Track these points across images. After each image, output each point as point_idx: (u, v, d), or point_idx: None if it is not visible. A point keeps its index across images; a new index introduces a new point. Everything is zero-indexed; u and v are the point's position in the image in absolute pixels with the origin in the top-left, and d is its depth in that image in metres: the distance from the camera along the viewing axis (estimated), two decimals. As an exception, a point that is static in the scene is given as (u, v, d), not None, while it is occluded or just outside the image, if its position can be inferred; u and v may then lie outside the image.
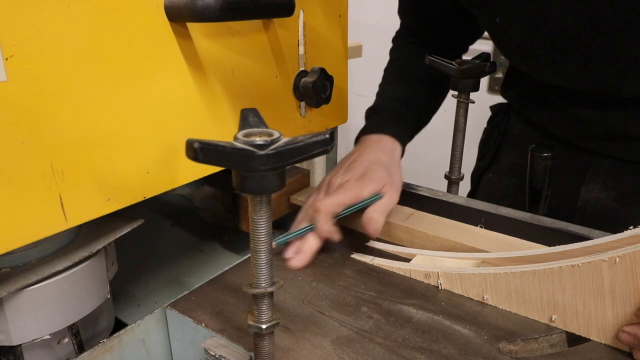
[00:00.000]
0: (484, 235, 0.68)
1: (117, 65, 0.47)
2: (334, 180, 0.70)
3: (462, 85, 0.80)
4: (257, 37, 0.59)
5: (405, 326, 0.54)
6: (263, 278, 0.42)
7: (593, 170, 0.76)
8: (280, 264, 0.66)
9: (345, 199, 0.65)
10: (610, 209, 0.75)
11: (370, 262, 0.66)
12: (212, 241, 0.88)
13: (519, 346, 0.52)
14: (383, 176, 0.68)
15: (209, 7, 0.46)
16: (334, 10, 0.70)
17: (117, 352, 0.53)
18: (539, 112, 0.82)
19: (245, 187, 0.37)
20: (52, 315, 0.51)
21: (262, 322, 0.44)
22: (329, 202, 0.64)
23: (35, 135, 0.42)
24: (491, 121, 0.95)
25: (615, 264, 0.49)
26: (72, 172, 0.45)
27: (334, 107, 0.73)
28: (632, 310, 0.49)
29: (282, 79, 0.64)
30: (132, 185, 0.50)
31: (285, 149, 0.36)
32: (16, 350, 0.52)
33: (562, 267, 0.52)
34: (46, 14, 0.41)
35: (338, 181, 0.69)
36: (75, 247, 0.54)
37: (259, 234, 0.40)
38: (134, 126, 0.49)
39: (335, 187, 0.68)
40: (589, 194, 0.77)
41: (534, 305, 0.55)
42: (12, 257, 0.50)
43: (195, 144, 0.35)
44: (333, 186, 0.68)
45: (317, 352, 0.50)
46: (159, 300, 0.73)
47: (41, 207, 0.43)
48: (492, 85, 1.89)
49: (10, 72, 0.39)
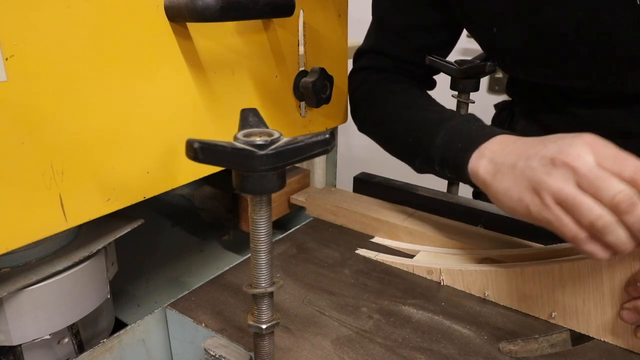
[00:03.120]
0: (484, 235, 0.68)
1: (117, 65, 0.47)
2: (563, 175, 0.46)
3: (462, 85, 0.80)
4: (257, 37, 0.59)
5: (405, 326, 0.54)
6: (263, 278, 0.42)
7: None
8: (280, 264, 0.66)
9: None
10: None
11: (374, 258, 0.67)
12: (212, 241, 0.88)
13: (519, 346, 0.52)
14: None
15: (209, 7, 0.46)
16: (334, 10, 0.70)
17: (117, 352, 0.53)
18: (542, 111, 0.82)
19: (245, 187, 0.37)
20: (52, 315, 0.51)
21: (262, 322, 0.44)
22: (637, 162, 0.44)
23: (35, 135, 0.42)
24: (495, 119, 0.95)
25: (614, 261, 0.49)
26: (72, 172, 0.45)
27: (334, 107, 0.73)
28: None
29: (282, 79, 0.64)
30: (132, 185, 0.50)
31: (285, 149, 0.36)
32: (16, 350, 0.52)
33: (562, 265, 0.52)
34: (46, 14, 0.41)
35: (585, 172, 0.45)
36: (75, 247, 0.54)
37: (259, 234, 0.40)
38: (134, 126, 0.49)
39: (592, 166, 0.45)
40: None
41: (535, 302, 0.55)
42: (12, 257, 0.50)
43: (195, 144, 0.35)
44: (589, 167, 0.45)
45: (317, 352, 0.50)
46: (159, 300, 0.73)
47: (41, 207, 0.43)
48: (492, 85, 1.89)
49: (10, 72, 0.39)
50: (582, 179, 0.44)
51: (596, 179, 0.44)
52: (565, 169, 0.45)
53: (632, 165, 0.43)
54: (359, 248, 0.69)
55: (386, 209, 0.75)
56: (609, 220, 0.43)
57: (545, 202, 0.47)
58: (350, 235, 0.73)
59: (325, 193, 0.82)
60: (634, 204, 0.42)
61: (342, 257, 0.68)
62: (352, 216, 0.75)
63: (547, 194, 0.46)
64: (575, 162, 0.45)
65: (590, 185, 0.44)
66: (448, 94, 0.83)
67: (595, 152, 0.45)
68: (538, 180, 0.47)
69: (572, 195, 0.44)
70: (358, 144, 2.26)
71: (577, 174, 0.45)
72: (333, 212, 0.77)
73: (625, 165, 0.43)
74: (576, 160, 0.45)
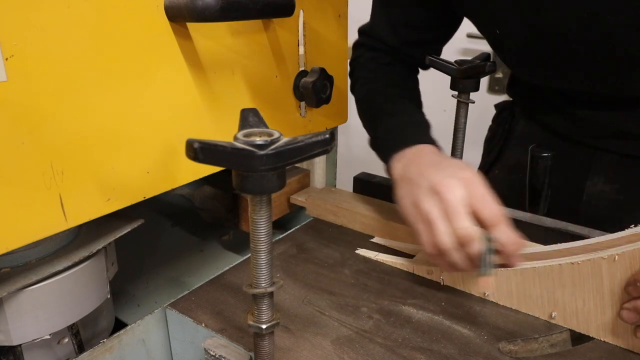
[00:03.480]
0: (484, 235, 0.68)
1: (117, 65, 0.47)
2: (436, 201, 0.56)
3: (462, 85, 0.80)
4: (257, 37, 0.59)
5: (405, 326, 0.54)
6: (263, 278, 0.42)
7: (597, 165, 0.77)
8: (280, 264, 0.66)
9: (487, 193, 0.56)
10: (614, 201, 0.76)
11: (374, 258, 0.67)
12: (212, 241, 0.88)
13: (519, 346, 0.52)
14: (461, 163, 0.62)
15: (209, 7, 0.46)
16: (334, 10, 0.70)
17: (117, 352, 0.53)
18: (542, 111, 0.82)
19: (245, 187, 0.37)
20: (52, 315, 0.51)
21: (262, 322, 0.44)
22: (496, 209, 0.54)
23: (35, 135, 0.42)
24: (496, 119, 0.95)
25: (614, 262, 0.49)
26: (72, 172, 0.45)
27: (334, 107, 0.73)
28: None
29: (282, 79, 0.64)
30: (132, 185, 0.50)
31: (285, 149, 0.36)
32: (16, 350, 0.52)
33: (562, 265, 0.52)
34: (46, 14, 0.41)
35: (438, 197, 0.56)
36: (75, 247, 0.54)
37: (259, 234, 0.40)
38: (134, 126, 0.49)
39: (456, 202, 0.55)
40: (594, 188, 0.77)
41: (535, 302, 0.55)
42: (12, 257, 0.50)
43: (195, 144, 0.35)
44: (453, 203, 0.54)
45: (317, 352, 0.50)
46: (159, 300, 0.73)
47: (41, 207, 0.43)
48: (492, 85, 1.89)
49: (10, 72, 0.39)
50: (446, 208, 0.55)
51: (454, 213, 0.54)
52: (439, 196, 0.55)
53: (489, 207, 0.54)
54: (359, 248, 0.69)
55: (386, 209, 0.75)
56: (450, 246, 0.54)
57: (418, 217, 0.58)
58: (350, 235, 0.73)
59: (325, 193, 0.82)
60: (471, 241, 0.53)
61: (342, 257, 0.68)
62: (352, 216, 0.75)
63: (421, 211, 0.57)
64: (446, 194, 0.55)
65: (450, 215, 0.54)
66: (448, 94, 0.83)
67: (468, 189, 0.55)
68: (418, 198, 0.58)
69: (434, 219, 0.55)
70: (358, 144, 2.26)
71: (444, 203, 0.55)
72: (333, 212, 0.77)
73: (485, 206, 0.54)
74: (448, 193, 0.55)
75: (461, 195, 0.55)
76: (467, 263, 0.54)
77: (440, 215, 0.55)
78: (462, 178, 0.56)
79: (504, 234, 0.53)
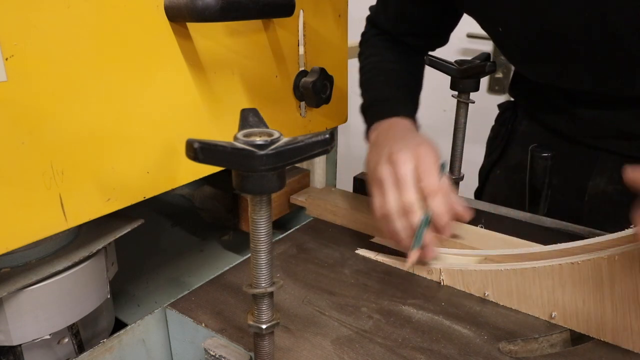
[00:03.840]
0: (484, 235, 0.68)
1: (117, 65, 0.47)
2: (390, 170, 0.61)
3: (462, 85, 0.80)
4: (257, 37, 0.59)
5: (405, 326, 0.54)
6: (263, 278, 0.42)
7: (599, 165, 0.77)
8: (280, 264, 0.66)
9: (435, 171, 0.60)
10: (616, 202, 0.76)
11: (374, 258, 0.67)
12: (212, 241, 0.88)
13: (519, 346, 0.52)
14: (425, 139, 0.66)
15: (209, 7, 0.46)
16: (334, 10, 0.70)
17: (117, 352, 0.53)
18: (545, 111, 0.82)
19: (245, 187, 0.37)
20: (52, 315, 0.51)
21: (262, 322, 0.44)
22: (434, 181, 0.58)
23: (35, 135, 0.42)
24: (499, 119, 0.95)
25: (614, 261, 0.49)
26: (72, 172, 0.45)
27: (334, 107, 0.73)
28: (631, 307, 0.49)
29: (282, 79, 0.64)
30: (132, 185, 0.50)
31: (285, 149, 0.36)
32: (16, 350, 0.52)
33: (562, 265, 0.52)
34: (46, 14, 0.41)
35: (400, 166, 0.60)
36: (75, 247, 0.54)
37: (259, 234, 0.40)
38: (134, 126, 0.49)
39: (406, 173, 0.59)
40: (596, 189, 0.77)
41: (535, 302, 0.55)
42: (12, 257, 0.50)
43: (195, 144, 0.35)
44: (402, 174, 0.60)
45: (317, 352, 0.50)
46: (159, 300, 0.73)
47: (41, 207, 0.43)
48: (492, 85, 1.89)
49: (10, 72, 0.39)
50: (397, 177, 0.60)
51: (402, 183, 0.59)
52: (392, 166, 0.61)
53: (429, 180, 0.59)
54: (359, 248, 0.69)
55: (386, 209, 0.75)
56: (394, 212, 0.59)
57: (374, 181, 0.63)
58: (350, 235, 0.73)
59: (325, 193, 0.82)
60: (412, 212, 0.58)
61: (342, 257, 0.68)
62: (352, 216, 0.75)
63: (376, 176, 0.62)
64: (398, 165, 0.60)
65: (398, 184, 0.60)
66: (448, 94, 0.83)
67: (418, 161, 0.60)
68: (377, 165, 0.63)
69: (385, 187, 0.61)
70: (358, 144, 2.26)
71: (396, 173, 0.60)
72: (333, 212, 0.77)
73: (426, 178, 0.59)
74: (400, 164, 0.60)
75: (411, 168, 0.60)
76: (407, 233, 0.60)
77: (391, 183, 0.60)
78: (415, 151, 0.61)
79: (435, 204, 0.58)
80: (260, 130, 0.39)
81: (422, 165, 0.59)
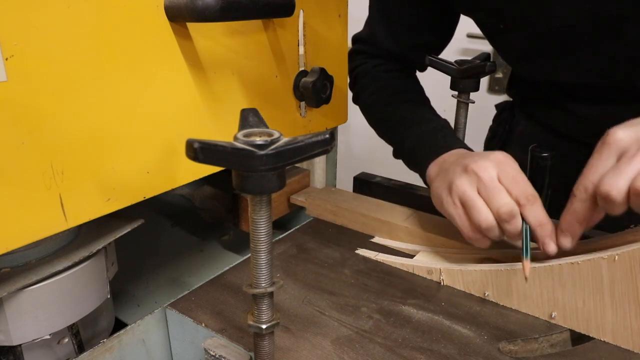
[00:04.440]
0: (484, 235, 0.68)
1: (117, 65, 0.47)
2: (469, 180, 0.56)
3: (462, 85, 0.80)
4: (257, 37, 0.59)
5: (405, 326, 0.54)
6: (263, 278, 0.42)
7: None
8: (280, 264, 0.66)
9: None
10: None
11: (374, 258, 0.67)
12: (212, 241, 0.88)
13: (519, 346, 0.52)
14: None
15: (209, 7, 0.46)
16: (334, 10, 0.70)
17: (117, 352, 0.53)
18: (542, 110, 0.82)
19: (245, 187, 0.37)
20: (52, 315, 0.51)
21: (262, 322, 0.44)
22: (527, 187, 0.54)
23: (35, 135, 0.42)
24: (496, 119, 0.95)
25: (614, 262, 0.49)
26: (72, 172, 0.45)
27: (334, 107, 0.73)
28: (631, 307, 0.49)
29: (282, 79, 0.64)
30: (132, 185, 0.50)
31: (285, 149, 0.36)
32: (16, 350, 0.52)
33: (562, 265, 0.52)
34: (46, 14, 0.41)
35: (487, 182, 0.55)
36: (75, 247, 0.54)
37: (259, 234, 0.40)
38: (134, 126, 0.49)
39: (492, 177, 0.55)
40: None
41: (534, 302, 0.55)
42: (12, 257, 0.50)
43: (195, 144, 0.35)
44: (488, 179, 0.55)
45: (317, 352, 0.50)
46: (159, 300, 0.73)
47: (41, 207, 0.43)
48: (492, 85, 1.89)
49: (10, 72, 0.39)
50: (481, 186, 0.55)
51: (492, 190, 0.54)
52: (473, 175, 0.56)
53: (520, 187, 0.54)
54: (359, 248, 0.69)
55: (386, 209, 0.75)
56: (492, 223, 0.54)
57: (453, 200, 0.57)
58: (350, 235, 0.73)
59: (325, 193, 0.82)
60: (513, 217, 0.53)
61: (342, 257, 0.68)
62: (352, 216, 0.75)
63: (455, 193, 0.57)
64: (480, 172, 0.55)
65: (487, 193, 0.54)
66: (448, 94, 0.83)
67: (500, 168, 0.55)
68: (452, 180, 0.57)
69: (471, 198, 0.55)
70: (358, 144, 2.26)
71: (480, 181, 0.55)
72: (333, 212, 0.77)
73: (516, 186, 0.54)
74: (482, 171, 0.55)
75: (496, 174, 0.55)
76: (513, 238, 0.55)
77: (475, 194, 0.55)
78: (493, 159, 0.56)
79: (536, 212, 0.53)
80: (260, 130, 0.39)
81: (507, 173, 0.55)
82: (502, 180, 0.54)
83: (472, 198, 0.55)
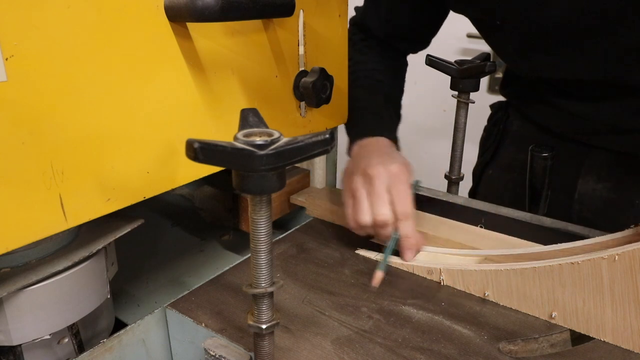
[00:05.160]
0: (484, 235, 0.68)
1: (117, 65, 0.47)
2: (363, 182, 0.65)
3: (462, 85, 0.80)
4: (257, 37, 0.59)
5: (405, 326, 0.54)
6: (263, 278, 0.42)
7: (589, 162, 0.77)
8: (280, 264, 0.66)
9: (409, 198, 0.64)
10: (606, 199, 0.76)
11: (374, 258, 0.67)
12: (212, 241, 0.88)
13: (519, 346, 0.52)
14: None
15: (209, 7, 0.46)
16: (334, 10, 0.70)
17: (117, 352, 0.53)
18: (536, 109, 0.83)
19: (245, 187, 0.37)
20: (52, 315, 0.51)
21: (262, 322, 0.44)
22: (408, 207, 0.62)
23: (35, 135, 0.42)
24: (491, 119, 0.96)
25: (614, 261, 0.49)
26: (72, 172, 0.45)
27: (334, 107, 0.73)
28: (631, 307, 0.49)
29: (282, 79, 0.64)
30: (132, 185, 0.50)
31: (285, 149, 0.36)
32: (16, 350, 0.52)
33: (562, 265, 0.52)
34: (46, 14, 0.41)
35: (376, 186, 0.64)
36: (75, 247, 0.54)
37: (259, 234, 0.40)
38: (134, 126, 0.49)
39: (380, 189, 0.63)
40: (586, 186, 0.78)
41: (534, 302, 0.55)
42: (12, 257, 0.50)
43: (195, 144, 0.35)
44: (377, 189, 0.63)
45: (317, 352, 0.50)
46: (159, 300, 0.73)
47: (41, 207, 0.43)
48: (492, 85, 1.89)
49: (10, 72, 0.39)
50: (371, 191, 0.63)
51: (377, 198, 0.63)
52: (368, 179, 0.64)
53: (402, 204, 0.62)
54: (359, 248, 0.69)
55: (386, 209, 0.75)
56: (369, 224, 0.63)
57: (348, 192, 0.66)
58: (350, 236, 0.73)
59: (325, 193, 0.82)
60: (386, 226, 0.62)
61: (342, 257, 0.68)
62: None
63: (350, 187, 0.66)
64: (374, 180, 0.63)
65: (372, 200, 0.63)
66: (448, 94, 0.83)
67: (392, 180, 0.63)
68: (352, 176, 0.66)
69: (359, 198, 0.64)
70: (358, 144, 2.25)
71: (371, 187, 0.63)
72: (333, 212, 0.77)
73: (399, 202, 0.62)
74: (376, 179, 0.63)
75: (387, 185, 0.63)
76: (382, 240, 0.65)
77: (365, 195, 0.64)
78: (390, 170, 0.64)
79: (407, 228, 0.62)
80: (260, 130, 0.39)
81: (397, 187, 0.63)
82: (391, 192, 0.63)
83: (360, 199, 0.64)
